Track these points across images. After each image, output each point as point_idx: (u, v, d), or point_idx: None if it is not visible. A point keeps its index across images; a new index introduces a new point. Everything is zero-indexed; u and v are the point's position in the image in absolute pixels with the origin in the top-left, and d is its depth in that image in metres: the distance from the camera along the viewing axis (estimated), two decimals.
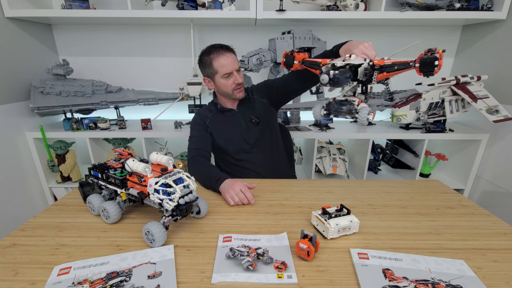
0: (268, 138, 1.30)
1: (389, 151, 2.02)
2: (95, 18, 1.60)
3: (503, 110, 1.43)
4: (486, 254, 0.71)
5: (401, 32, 1.86)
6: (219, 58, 1.15)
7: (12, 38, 1.58)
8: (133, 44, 1.90)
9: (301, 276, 0.62)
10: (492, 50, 1.64)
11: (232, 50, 1.19)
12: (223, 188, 0.98)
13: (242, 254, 0.68)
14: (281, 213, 0.90)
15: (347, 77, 0.79)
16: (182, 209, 0.73)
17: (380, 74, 0.79)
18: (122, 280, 0.60)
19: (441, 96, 1.61)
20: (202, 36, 1.88)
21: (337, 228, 0.74)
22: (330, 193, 1.04)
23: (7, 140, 1.57)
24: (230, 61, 1.15)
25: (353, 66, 0.80)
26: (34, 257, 0.69)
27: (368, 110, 0.82)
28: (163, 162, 0.76)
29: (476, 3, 1.60)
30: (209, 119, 1.28)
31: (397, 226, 0.82)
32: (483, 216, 0.89)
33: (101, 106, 1.74)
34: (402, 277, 0.61)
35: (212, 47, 1.18)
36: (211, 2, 1.57)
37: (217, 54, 1.15)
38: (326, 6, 1.63)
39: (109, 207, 0.80)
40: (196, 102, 1.85)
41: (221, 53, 1.15)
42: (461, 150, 1.78)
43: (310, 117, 2.00)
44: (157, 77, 1.97)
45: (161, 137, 1.78)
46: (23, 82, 1.65)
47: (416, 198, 1.00)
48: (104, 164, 0.84)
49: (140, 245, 0.73)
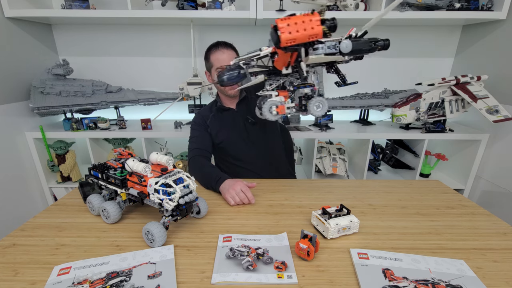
0: (267, 138, 1.30)
1: (389, 151, 2.02)
2: (95, 18, 1.60)
3: (503, 110, 1.43)
4: (486, 254, 0.71)
5: (401, 32, 1.86)
6: (216, 53, 1.18)
7: (12, 38, 1.58)
8: (133, 44, 1.90)
9: (301, 276, 0.62)
10: (492, 50, 1.64)
11: (232, 47, 1.22)
12: (224, 188, 0.98)
13: (242, 254, 0.68)
14: (281, 213, 0.90)
15: (234, 77, 0.77)
16: (182, 209, 0.73)
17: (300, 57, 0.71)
18: (122, 280, 0.60)
19: (441, 96, 1.61)
20: (202, 36, 1.88)
21: (337, 228, 0.74)
22: (330, 193, 1.04)
23: (7, 140, 1.57)
24: (225, 57, 1.17)
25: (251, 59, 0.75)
26: (34, 257, 0.69)
27: (270, 104, 0.75)
28: (163, 162, 0.76)
29: (476, 3, 1.60)
30: (210, 118, 1.28)
31: (397, 226, 0.82)
32: (483, 216, 0.89)
33: (101, 106, 1.74)
34: (402, 277, 0.61)
35: (215, 43, 1.22)
36: (211, 2, 1.57)
37: (216, 49, 1.19)
38: (326, 6, 1.63)
39: (109, 207, 0.80)
40: (196, 102, 1.86)
41: (219, 49, 1.18)
42: (461, 150, 1.78)
43: (310, 117, 2.00)
44: (157, 77, 1.97)
45: (161, 137, 1.78)
46: (23, 82, 1.65)
47: (416, 198, 1.00)
48: (104, 164, 0.84)
49: (140, 245, 0.73)
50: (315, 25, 0.65)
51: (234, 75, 0.78)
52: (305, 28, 0.64)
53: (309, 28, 0.64)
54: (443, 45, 1.90)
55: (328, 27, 0.67)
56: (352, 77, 0.80)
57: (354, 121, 1.99)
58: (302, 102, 0.79)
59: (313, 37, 0.66)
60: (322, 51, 0.71)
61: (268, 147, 1.31)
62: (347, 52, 0.71)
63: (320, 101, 0.76)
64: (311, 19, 0.65)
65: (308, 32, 0.64)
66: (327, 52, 0.71)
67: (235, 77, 0.78)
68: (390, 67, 1.95)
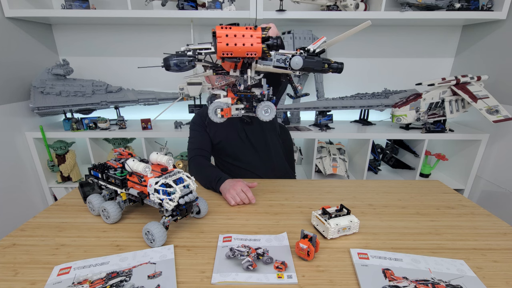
0: (265, 138, 1.29)
1: (389, 151, 2.02)
2: (95, 18, 1.60)
3: (503, 110, 1.43)
4: (486, 254, 0.71)
5: (401, 32, 1.86)
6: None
7: (12, 38, 1.58)
8: (133, 44, 1.90)
9: (301, 276, 0.62)
10: (492, 50, 1.64)
11: None
12: (224, 188, 0.98)
13: (242, 254, 0.68)
14: (281, 213, 0.90)
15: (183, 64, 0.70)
16: (182, 209, 0.73)
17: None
18: (122, 280, 0.60)
19: (441, 96, 1.61)
20: (202, 36, 1.88)
21: (337, 228, 0.74)
22: (330, 193, 1.04)
23: (7, 140, 1.57)
24: None
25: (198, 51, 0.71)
26: (34, 257, 0.69)
27: (215, 106, 0.72)
28: (163, 162, 0.76)
29: (476, 3, 1.60)
30: (208, 118, 1.28)
31: (397, 226, 0.82)
32: (483, 216, 0.89)
33: (101, 106, 1.74)
34: (402, 277, 0.61)
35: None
36: (211, 2, 1.57)
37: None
38: (326, 6, 1.63)
39: (109, 207, 0.80)
40: (196, 102, 1.86)
41: None
42: (461, 150, 1.78)
43: (310, 117, 2.00)
44: (157, 77, 1.97)
45: (161, 137, 1.78)
46: (23, 82, 1.65)
47: (416, 198, 1.00)
48: (104, 164, 0.84)
49: (140, 245, 0.73)
50: (255, 41, 0.63)
51: (184, 61, 0.70)
52: (244, 42, 0.63)
53: (248, 44, 0.63)
54: (443, 45, 1.90)
55: (269, 46, 0.65)
56: (352, 77, 0.80)
57: (354, 121, 1.99)
58: (253, 104, 0.78)
59: (252, 53, 0.64)
60: (271, 63, 0.70)
61: (267, 147, 1.30)
62: (297, 69, 0.70)
63: (268, 106, 0.76)
64: (251, 34, 0.63)
65: (246, 47, 0.63)
66: (276, 64, 0.70)
67: (184, 65, 0.71)
68: (390, 67, 1.95)
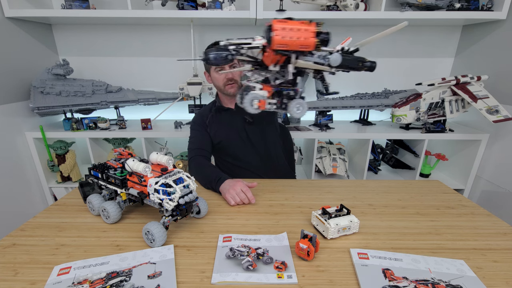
0: (266, 138, 1.30)
1: (389, 151, 2.02)
2: (95, 18, 1.60)
3: (503, 110, 1.43)
4: (486, 254, 0.71)
5: (401, 32, 1.85)
6: None
7: (12, 38, 1.58)
8: (133, 44, 1.90)
9: (301, 276, 0.62)
10: (492, 50, 1.64)
11: None
12: (224, 188, 0.98)
13: (242, 254, 0.68)
14: (281, 213, 0.90)
15: (222, 58, 0.71)
16: (182, 209, 0.73)
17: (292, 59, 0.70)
18: (122, 280, 0.60)
19: (441, 96, 1.61)
20: (202, 36, 1.88)
21: (337, 228, 0.74)
22: (330, 193, 1.04)
23: (7, 140, 1.57)
24: None
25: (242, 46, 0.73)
26: (34, 257, 0.69)
27: (252, 97, 0.74)
28: (163, 162, 0.77)
29: (476, 3, 1.60)
30: (209, 118, 1.28)
31: (397, 226, 0.82)
32: (483, 216, 0.89)
33: (101, 106, 1.74)
34: (402, 277, 0.61)
35: (214, 43, 1.20)
36: (211, 2, 1.57)
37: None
38: (326, 6, 1.63)
39: (109, 207, 0.80)
40: (196, 102, 1.86)
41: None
42: (461, 150, 1.78)
43: (310, 117, 2.00)
44: (157, 77, 1.97)
45: (161, 137, 1.78)
46: (23, 82, 1.65)
47: (416, 198, 1.00)
48: (104, 164, 0.84)
49: (140, 245, 0.73)
50: (309, 36, 0.65)
51: (223, 55, 0.72)
52: (299, 36, 0.64)
53: (303, 38, 0.65)
54: (443, 45, 1.90)
55: (321, 41, 0.67)
56: (353, 77, 0.80)
57: (354, 121, 1.99)
58: (283, 101, 0.79)
59: (305, 47, 0.66)
60: (312, 59, 0.71)
61: (267, 147, 1.30)
62: (335, 66, 0.71)
63: (300, 103, 0.77)
64: (306, 28, 0.65)
65: (301, 41, 0.65)
66: (316, 61, 0.71)
67: (223, 58, 0.72)
68: (390, 67, 1.95)
